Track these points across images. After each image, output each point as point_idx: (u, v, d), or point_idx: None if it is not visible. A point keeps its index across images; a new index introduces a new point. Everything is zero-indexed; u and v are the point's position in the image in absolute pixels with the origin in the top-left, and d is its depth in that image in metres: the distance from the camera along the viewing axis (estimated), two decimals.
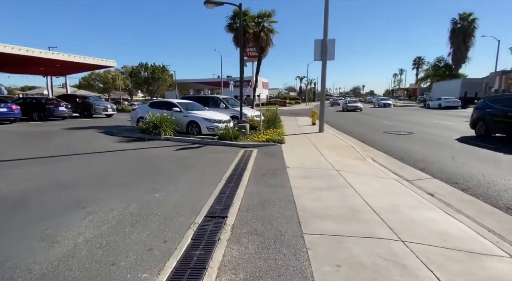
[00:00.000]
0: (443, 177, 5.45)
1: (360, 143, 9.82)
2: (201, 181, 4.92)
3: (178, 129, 10.03)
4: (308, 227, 3.13)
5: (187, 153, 7.62)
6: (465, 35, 45.83)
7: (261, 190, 4.42)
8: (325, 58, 11.53)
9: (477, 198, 4.32)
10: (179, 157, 7.04)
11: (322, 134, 11.51)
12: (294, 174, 5.29)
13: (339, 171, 5.67)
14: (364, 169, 6.15)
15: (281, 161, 6.47)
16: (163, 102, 11.74)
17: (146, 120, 9.94)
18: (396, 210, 3.69)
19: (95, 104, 20.07)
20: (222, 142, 8.69)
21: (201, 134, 10.11)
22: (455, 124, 15.13)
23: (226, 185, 4.66)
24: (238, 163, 6.24)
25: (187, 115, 10.54)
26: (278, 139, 8.80)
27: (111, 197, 4.12)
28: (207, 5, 9.25)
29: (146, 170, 5.78)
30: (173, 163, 6.42)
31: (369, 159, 7.23)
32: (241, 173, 5.38)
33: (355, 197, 4.16)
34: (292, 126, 14.06)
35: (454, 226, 3.31)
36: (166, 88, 58.33)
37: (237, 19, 19.05)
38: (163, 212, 3.56)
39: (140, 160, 6.79)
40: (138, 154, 7.48)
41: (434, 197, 4.45)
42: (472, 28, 45.04)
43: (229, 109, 12.86)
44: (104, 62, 23.71)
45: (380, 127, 14.51)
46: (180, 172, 5.50)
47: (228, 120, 10.68)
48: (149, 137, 9.59)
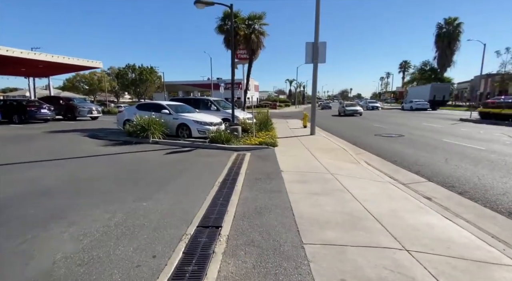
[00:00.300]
0: (439, 180, 5.41)
1: (352, 145, 9.79)
2: (192, 187, 4.67)
3: (167, 132, 9.70)
4: (308, 237, 2.95)
5: (177, 157, 7.34)
6: (450, 39, 47.33)
7: (256, 196, 4.22)
8: (316, 61, 11.49)
9: (475, 202, 4.27)
10: (168, 162, 6.76)
11: (314, 136, 11.43)
12: (289, 178, 5.12)
13: (334, 174, 5.55)
14: (359, 172, 6.05)
15: (275, 164, 6.29)
16: (151, 104, 11.37)
17: (133, 123, 9.56)
18: (396, 216, 3.58)
19: (80, 106, 19.36)
20: (213, 146, 8.45)
21: (192, 137, 9.82)
22: (443, 126, 15.42)
23: (220, 191, 4.43)
24: (231, 167, 6.02)
25: (177, 118, 10.23)
26: (271, 142, 8.64)
27: (94, 206, 3.82)
28: (197, 5, 9.03)
29: (133, 176, 5.48)
30: (163, 168, 6.14)
31: (363, 162, 7.16)
32: (235, 178, 5.16)
33: (353, 202, 4.02)
34: (284, 129, 13.95)
35: (456, 232, 3.21)
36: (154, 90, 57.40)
37: (227, 21, 18.90)
38: (152, 223, 3.31)
39: (126, 165, 6.46)
40: (124, 159, 7.14)
41: (432, 201, 4.38)
42: (457, 33, 46.58)
43: (221, 112, 12.62)
44: (89, 63, 22.97)
45: (371, 130, 14.61)
46: (170, 178, 5.23)
47: (219, 122, 10.43)
48: (137, 141, 9.22)
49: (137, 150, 8.12)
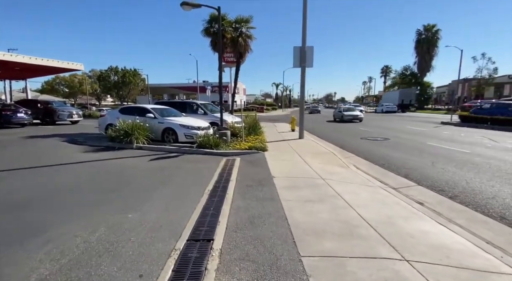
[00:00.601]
0: (428, 184, 5.46)
1: (340, 149, 9.83)
2: (181, 196, 4.44)
3: (152, 136, 9.36)
4: (305, 248, 2.82)
5: (163, 163, 7.04)
6: (429, 45, 49.30)
7: (248, 204, 4.05)
8: (304, 65, 11.52)
9: (466, 206, 4.31)
10: (154, 168, 6.46)
11: (302, 140, 11.41)
12: (281, 185, 4.99)
13: (326, 179, 5.48)
14: (349, 177, 6.02)
15: (266, 170, 6.15)
16: (135, 108, 10.97)
17: (116, 127, 9.15)
18: (391, 223, 3.52)
19: (59, 109, 18.48)
20: (202, 151, 8.20)
21: (178, 142, 9.52)
22: (426, 129, 15.89)
23: (210, 200, 4.23)
24: (221, 174, 5.82)
25: (163, 122, 9.90)
26: (261, 147, 8.50)
27: (74, 219, 3.52)
28: (184, 7, 8.81)
29: (116, 184, 5.16)
30: (148, 175, 5.84)
31: (352, 166, 7.17)
32: (225, 185, 4.97)
33: (347, 209, 3.94)
34: (273, 133, 13.88)
35: (452, 238, 3.18)
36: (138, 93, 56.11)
37: (214, 24, 18.71)
38: (138, 237, 3.07)
39: (109, 172, 6.11)
40: (107, 166, 6.77)
41: (424, 206, 4.37)
42: (435, 39, 48.56)
43: (208, 115, 12.37)
44: (70, 65, 22.06)
45: (357, 133, 14.82)
46: (157, 186, 4.97)
47: (207, 126, 10.20)
48: (120, 146, 8.82)
49: (120, 156, 7.75)
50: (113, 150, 8.56)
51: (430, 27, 50.05)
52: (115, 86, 52.73)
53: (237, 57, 19.13)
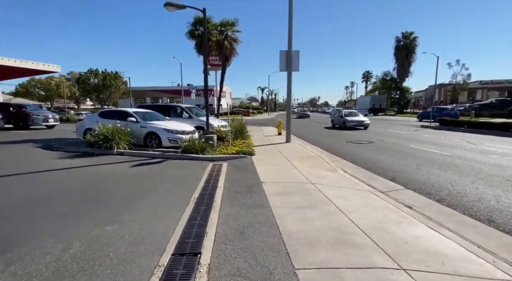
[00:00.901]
0: (415, 187, 5.50)
1: (327, 153, 9.84)
2: (165, 205, 4.18)
3: (134, 141, 8.95)
4: (300, 260, 2.67)
5: (146, 170, 6.71)
6: (408, 52, 51.28)
7: (237, 212, 3.87)
8: (290, 69, 11.53)
9: (454, 209, 4.34)
10: (136, 175, 6.12)
11: (289, 144, 11.36)
12: (271, 191, 4.84)
13: (315, 184, 5.39)
14: (338, 181, 5.98)
15: (254, 175, 5.98)
16: (116, 112, 10.49)
17: (95, 132, 8.68)
18: (383, 229, 3.45)
19: (33, 113, 17.47)
20: (187, 156, 7.92)
21: (162, 147, 9.17)
22: (407, 132, 16.35)
23: (196, 209, 4.00)
24: (207, 180, 5.59)
25: (145, 126, 9.52)
26: (248, 151, 8.34)
27: (45, 234, 3.19)
28: (167, 8, 8.56)
29: (94, 193, 4.81)
30: (129, 183, 5.51)
31: (340, 170, 7.15)
32: (213, 192, 4.76)
33: (339, 215, 3.84)
34: (259, 137, 13.76)
35: (444, 244, 3.14)
36: (119, 96, 54.39)
37: (198, 26, 18.46)
38: (117, 253, 2.80)
39: (87, 180, 5.72)
40: (84, 173, 6.35)
41: (413, 210, 4.36)
42: (413, 46, 50.57)
43: (193, 119, 12.07)
44: (45, 67, 20.99)
45: (342, 136, 15.00)
46: (139, 195, 4.67)
47: (192, 131, 9.91)
48: (99, 152, 8.36)
49: (100, 162, 7.32)
50: (92, 156, 8.10)
51: (408, 34, 52.17)
52: (95, 89, 50.85)
53: (222, 60, 18.94)
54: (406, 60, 52.94)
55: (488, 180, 5.78)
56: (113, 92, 51.97)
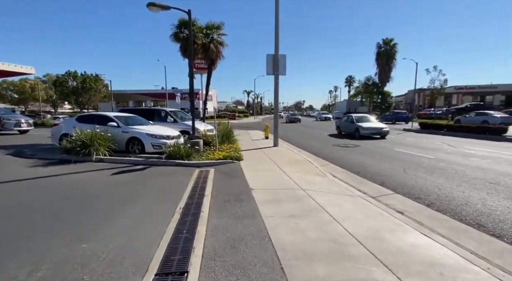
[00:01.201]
0: (404, 192, 5.50)
1: (315, 157, 9.80)
2: (148, 218, 3.88)
3: (115, 147, 8.49)
4: (296, 276, 2.49)
5: (127, 177, 6.33)
6: (388, 58, 53.02)
7: (227, 223, 3.64)
8: (277, 73, 11.48)
9: (444, 214, 4.33)
10: (117, 184, 5.74)
11: (277, 148, 11.25)
12: (261, 199, 4.65)
13: (306, 190, 5.26)
14: (328, 186, 5.89)
15: (243, 182, 5.78)
16: (95, 116, 9.96)
17: (73, 138, 8.17)
18: (379, 238, 3.34)
19: (4, 117, 16.38)
20: (172, 162, 7.58)
21: (145, 152, 8.77)
22: (390, 136, 16.70)
23: (183, 220, 3.74)
24: (193, 188, 5.33)
25: (127, 131, 9.08)
26: (236, 156, 8.12)
27: (11, 255, 2.84)
28: (150, 8, 8.25)
29: (69, 206, 4.43)
30: (109, 193, 5.14)
31: (329, 174, 7.09)
32: (200, 202, 4.50)
33: (333, 224, 3.71)
34: (246, 141, 13.56)
35: (440, 251, 3.07)
36: (100, 100, 52.51)
37: (183, 29, 18.10)
38: (93, 275, 2.50)
39: (61, 191, 5.29)
40: (59, 183, 5.89)
41: (404, 215, 4.32)
42: (393, 52, 52.39)
43: (178, 123, 11.70)
44: (18, 69, 19.76)
45: (327, 140, 15.11)
46: (119, 206, 4.34)
47: (177, 135, 9.57)
48: (76, 159, 7.85)
49: (77, 170, 6.85)
50: (68, 163, 7.59)
51: (388, 40, 54.03)
52: (73, 92, 48.76)
53: (208, 64, 18.63)
54: (387, 66, 54.71)
55: (472, 183, 5.89)
56: (93, 95, 50.04)
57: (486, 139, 13.90)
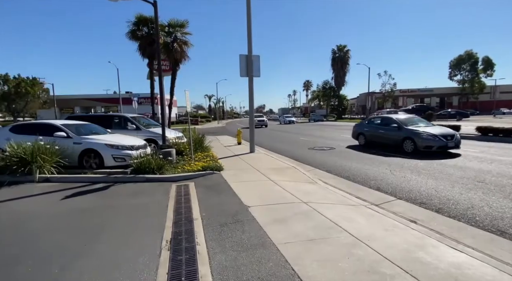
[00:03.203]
0: (405, 197, 5.25)
1: (297, 162, 9.34)
2: (124, 263, 2.87)
3: (65, 162, 6.94)
4: None
5: (85, 201, 5.05)
6: (342, 63, 56.34)
7: (235, 260, 2.84)
8: (251, 74, 10.86)
9: (459, 221, 4.09)
10: (71, 213, 4.46)
11: (254, 154, 10.58)
12: (263, 218, 3.92)
13: (308, 203, 4.68)
14: (326, 195, 5.39)
15: (234, 197, 4.97)
16: (37, 125, 8.15)
17: (6, 153, 6.46)
18: (415, 260, 2.87)
19: None
20: (141, 177, 6.41)
21: (104, 167, 7.38)
22: None
23: (175, 261, 2.84)
24: (176, 210, 4.37)
25: (80, 142, 7.56)
26: (216, 166, 7.24)
27: None
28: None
29: (5, 250, 3.17)
30: (61, 227, 3.91)
31: (319, 181, 6.64)
32: (190, 229, 3.61)
33: (359, 246, 3.15)
34: (219, 148, 12.63)
35: (481, 270, 2.70)
36: (39, 106, 46.04)
37: (141, 26, 16.45)
38: None
39: None
40: None
41: (418, 224, 3.98)
42: (347, 57, 55.83)
43: (142, 131, 10.31)
44: None
45: (301, 143, 14.93)
46: (77, 248, 3.22)
47: (143, 145, 8.31)
48: (12, 180, 6.20)
49: (14, 196, 5.31)
50: (0, 187, 5.92)
51: (342, 47, 57.52)
52: (4, 98, 41.94)
53: (172, 65, 17.19)
54: (342, 71, 58.16)
55: (462, 183, 5.92)
56: (30, 101, 43.62)
57: None
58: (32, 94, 42.83)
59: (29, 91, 42.05)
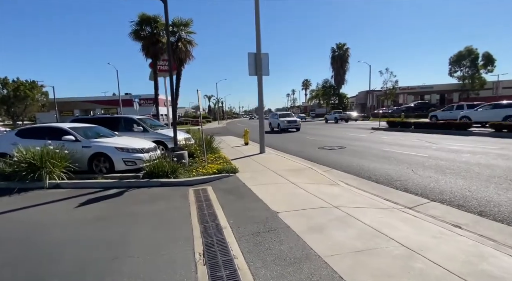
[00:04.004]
0: (438, 198, 4.98)
1: (311, 162, 9.06)
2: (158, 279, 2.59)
3: (75, 167, 6.64)
4: None
5: (101, 209, 4.75)
6: (342, 61, 56.07)
7: (282, 276, 2.56)
8: (260, 73, 10.58)
9: (509, 225, 3.82)
10: (88, 223, 4.16)
11: (266, 155, 10.29)
12: (298, 226, 3.64)
13: (340, 208, 4.40)
14: (354, 198, 5.11)
15: (258, 202, 4.69)
16: (44, 129, 7.85)
17: (14, 159, 6.16)
18: (482, 273, 2.60)
19: None
20: (155, 181, 6.11)
21: (115, 171, 7.09)
22: (364, 135, 16.98)
23: (215, 279, 2.55)
24: (201, 217, 4.09)
25: (89, 145, 7.27)
26: (231, 168, 6.95)
27: None
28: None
29: (17, 268, 2.88)
30: (80, 239, 3.61)
31: (341, 183, 6.36)
32: (222, 240, 3.32)
33: (415, 258, 2.85)
34: (227, 148, 12.32)
35: None
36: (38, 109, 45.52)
37: (145, 26, 16.12)
38: None
39: (3, 240, 3.61)
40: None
41: (463, 229, 3.71)
42: (346, 56, 55.56)
43: (150, 133, 10.00)
44: None
45: (308, 142, 14.67)
46: (103, 264, 2.92)
47: (153, 147, 8.01)
48: (21, 186, 5.90)
49: (24, 204, 5.01)
50: (10, 194, 5.62)
51: (341, 45, 57.22)
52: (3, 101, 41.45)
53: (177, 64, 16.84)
54: (342, 69, 57.87)
55: (496, 183, 5.62)
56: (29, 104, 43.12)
57: (452, 134, 14.85)
58: (31, 97, 42.37)
59: (28, 94, 41.59)
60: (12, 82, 41.62)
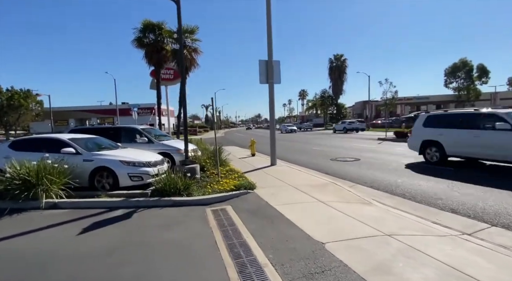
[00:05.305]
0: (497, 222, 4.36)
1: (330, 176, 8.41)
2: None
3: (75, 183, 5.88)
4: None
5: (109, 237, 4.00)
6: (340, 72, 56.47)
7: None
8: (271, 81, 10.08)
9: None
10: (96, 256, 3.42)
11: (278, 167, 9.64)
12: (358, 266, 2.96)
13: (392, 236, 3.76)
14: (399, 222, 4.44)
15: (293, 228, 4.01)
16: (40, 140, 7.11)
17: (7, 175, 5.40)
18: None
19: None
20: (167, 201, 5.38)
21: (119, 187, 6.35)
22: (374, 146, 16.49)
23: None
24: (231, 249, 3.39)
25: (91, 159, 6.54)
26: (249, 184, 6.27)
27: None
28: None
29: None
30: (89, 278, 2.89)
31: (375, 201, 5.72)
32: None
33: None
34: (234, 160, 11.61)
35: None
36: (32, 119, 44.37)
37: (148, 33, 15.65)
38: None
39: None
40: None
41: None
42: (344, 66, 56.02)
43: (155, 144, 9.31)
44: None
45: (316, 153, 14.10)
46: None
47: (161, 160, 7.31)
48: (14, 206, 5.13)
49: (17, 230, 4.24)
50: (1, 215, 4.84)
51: (339, 56, 57.79)
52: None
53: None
54: (339, 79, 58.23)
55: None
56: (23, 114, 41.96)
57: None
58: (25, 107, 41.30)
59: (22, 103, 40.54)
60: (6, 91, 40.63)
